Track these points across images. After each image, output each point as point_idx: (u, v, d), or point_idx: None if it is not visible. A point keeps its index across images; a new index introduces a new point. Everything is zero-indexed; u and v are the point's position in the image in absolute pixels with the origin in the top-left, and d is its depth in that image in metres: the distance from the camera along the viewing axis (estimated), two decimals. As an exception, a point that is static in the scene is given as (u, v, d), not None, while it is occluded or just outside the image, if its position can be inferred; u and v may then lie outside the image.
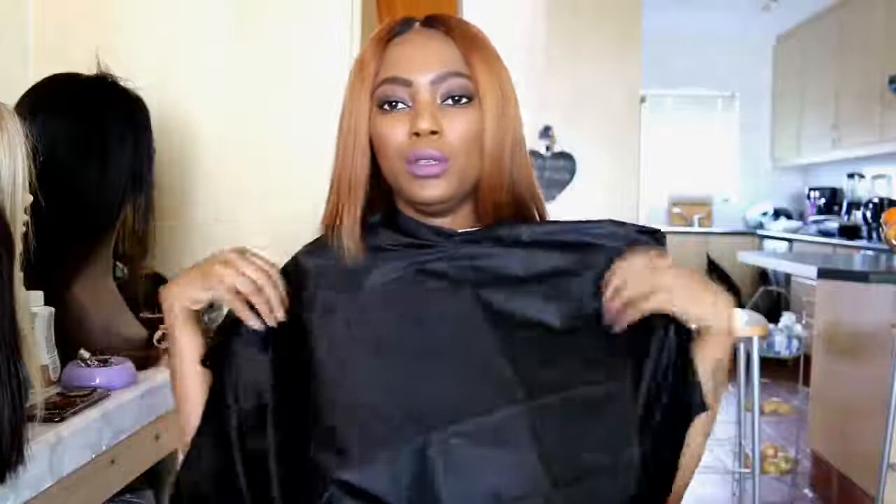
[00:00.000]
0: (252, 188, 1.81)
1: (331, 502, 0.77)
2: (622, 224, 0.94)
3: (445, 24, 0.93)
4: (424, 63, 0.90)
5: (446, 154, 0.88)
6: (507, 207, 0.93)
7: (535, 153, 4.67)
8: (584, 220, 0.95)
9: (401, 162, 0.89)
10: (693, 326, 0.88)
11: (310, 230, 0.99)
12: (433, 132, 0.87)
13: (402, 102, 0.90)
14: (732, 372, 3.09)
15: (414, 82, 0.89)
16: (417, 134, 0.88)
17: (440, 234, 0.93)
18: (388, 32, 0.94)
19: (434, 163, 0.88)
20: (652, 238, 0.93)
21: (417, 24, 0.94)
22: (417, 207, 0.93)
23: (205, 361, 0.95)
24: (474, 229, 0.94)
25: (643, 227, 0.95)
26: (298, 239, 1.00)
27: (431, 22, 0.94)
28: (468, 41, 0.92)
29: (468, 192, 0.92)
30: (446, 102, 0.90)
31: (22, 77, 1.64)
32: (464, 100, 0.90)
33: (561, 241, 0.93)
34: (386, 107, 0.90)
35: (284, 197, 1.77)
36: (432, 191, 0.89)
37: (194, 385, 0.95)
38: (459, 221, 0.94)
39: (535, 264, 0.91)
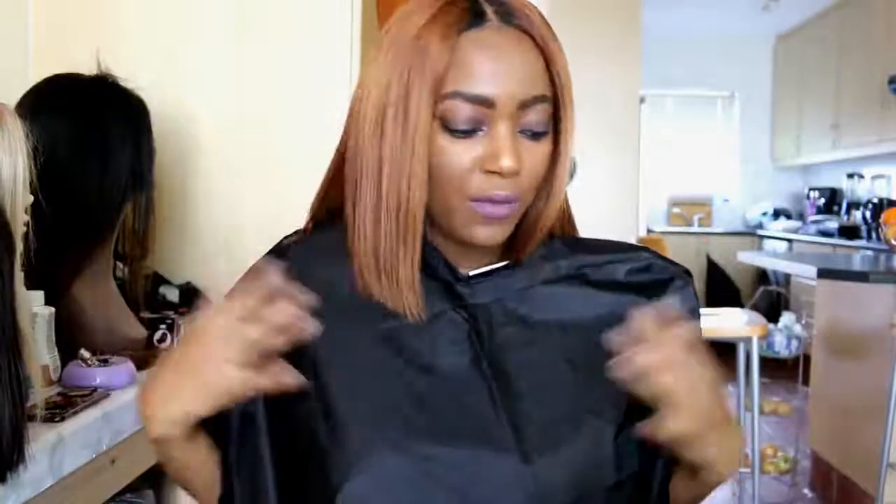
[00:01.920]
0: (252, 188, 1.81)
1: None
2: (657, 256, 0.85)
3: (522, 19, 0.74)
4: (509, 80, 0.72)
5: (518, 195, 0.75)
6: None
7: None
8: (617, 246, 0.85)
9: (461, 198, 0.74)
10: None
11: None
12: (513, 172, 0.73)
13: (478, 126, 0.73)
14: (732, 372, 3.11)
15: (498, 105, 0.72)
16: (494, 171, 0.72)
17: (450, 269, 0.80)
18: (457, 20, 0.73)
19: (505, 204, 0.74)
20: (683, 277, 0.84)
21: (493, 14, 0.74)
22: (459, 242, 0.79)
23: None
24: (492, 268, 0.81)
25: (676, 265, 0.86)
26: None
27: (508, 16, 0.74)
28: (549, 47, 0.75)
29: None
30: (523, 131, 0.74)
31: (22, 77, 1.64)
32: (543, 129, 0.75)
33: (590, 280, 0.82)
34: (455, 126, 0.73)
35: (285, 197, 1.77)
36: (493, 233, 0.76)
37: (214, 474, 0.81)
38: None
39: (558, 313, 0.80)
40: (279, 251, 0.86)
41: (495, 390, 0.76)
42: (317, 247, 0.83)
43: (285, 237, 0.88)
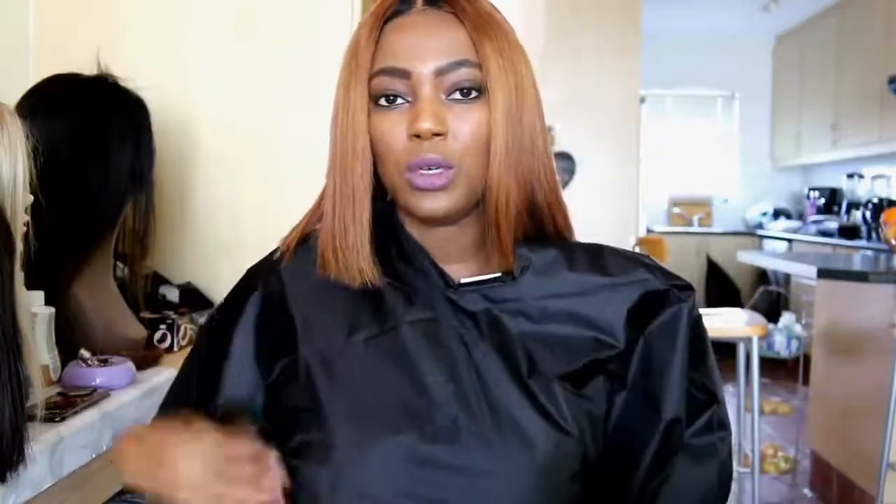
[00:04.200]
0: (252, 188, 1.81)
1: None
2: (656, 269, 0.84)
3: (452, 3, 0.79)
4: (426, 50, 0.77)
5: (451, 160, 0.76)
6: (519, 218, 0.80)
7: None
8: (615, 262, 0.84)
9: (399, 170, 0.77)
10: None
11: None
12: (436, 134, 0.75)
13: (400, 97, 0.77)
14: (732, 372, 3.11)
15: (413, 73, 0.76)
16: (418, 136, 0.75)
17: (440, 274, 0.81)
18: (384, 11, 0.80)
19: (437, 170, 0.76)
20: (683, 292, 0.83)
21: (419, 1, 0.80)
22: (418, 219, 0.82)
23: None
24: (483, 279, 0.81)
25: (677, 279, 0.84)
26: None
27: (436, 0, 0.80)
28: (479, 22, 0.78)
29: (478, 199, 0.80)
30: (452, 97, 0.77)
31: (22, 77, 1.64)
32: (473, 93, 0.77)
33: (580, 309, 0.81)
34: (382, 101, 0.78)
35: (284, 196, 1.77)
36: (435, 203, 0.77)
37: None
38: (466, 231, 0.82)
39: (543, 330, 0.80)
40: (274, 258, 0.87)
41: (476, 397, 0.77)
42: (313, 256, 0.84)
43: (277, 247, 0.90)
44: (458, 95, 0.77)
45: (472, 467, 0.74)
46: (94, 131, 1.35)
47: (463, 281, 0.81)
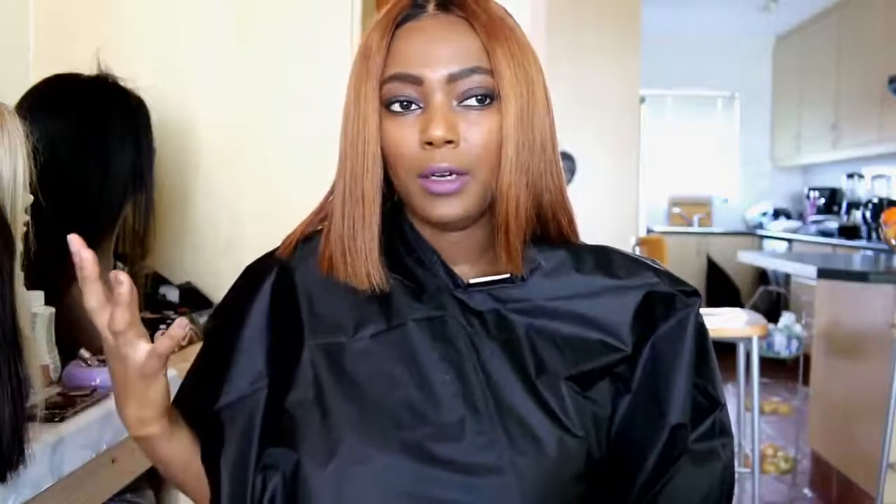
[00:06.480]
0: (252, 188, 1.81)
1: None
2: (663, 273, 0.84)
3: (464, 8, 0.79)
4: (438, 57, 0.76)
5: (464, 167, 0.76)
6: (528, 221, 0.80)
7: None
8: (622, 264, 0.84)
9: (412, 176, 0.77)
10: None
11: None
12: (448, 142, 0.75)
13: (412, 103, 0.77)
14: (732, 372, 3.11)
15: (426, 80, 0.76)
16: (430, 143, 0.75)
17: (449, 273, 0.82)
18: (396, 15, 0.80)
19: (450, 177, 0.76)
20: (690, 297, 0.83)
21: (431, 6, 0.80)
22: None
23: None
24: (492, 279, 0.82)
25: (684, 284, 0.84)
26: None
27: (447, 4, 0.79)
28: (491, 28, 0.77)
29: (489, 203, 0.80)
30: (464, 103, 0.77)
31: (22, 77, 1.64)
32: (485, 100, 0.77)
33: (587, 312, 0.82)
34: (394, 107, 0.77)
35: (284, 196, 1.77)
36: (449, 209, 0.77)
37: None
38: (475, 234, 0.82)
39: (550, 329, 0.81)
40: (277, 254, 0.88)
41: (483, 396, 0.77)
42: (317, 253, 0.84)
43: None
44: (470, 102, 0.77)
45: (478, 466, 0.74)
46: (94, 131, 1.35)
47: (472, 281, 0.82)
